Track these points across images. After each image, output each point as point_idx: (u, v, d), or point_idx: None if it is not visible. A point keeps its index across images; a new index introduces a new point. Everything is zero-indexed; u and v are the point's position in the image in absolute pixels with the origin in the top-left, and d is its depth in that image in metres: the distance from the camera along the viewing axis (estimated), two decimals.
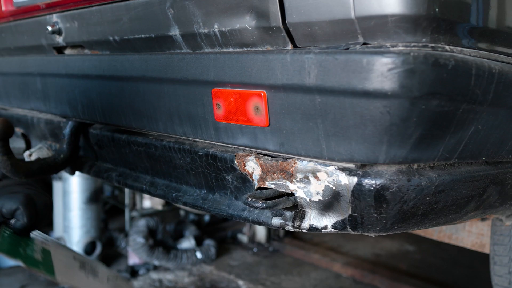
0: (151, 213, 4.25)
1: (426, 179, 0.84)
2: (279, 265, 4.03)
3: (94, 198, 3.74)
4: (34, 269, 0.85)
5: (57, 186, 3.86)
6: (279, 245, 4.36)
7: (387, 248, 4.36)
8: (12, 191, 0.89)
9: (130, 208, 4.22)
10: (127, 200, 4.21)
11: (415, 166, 0.84)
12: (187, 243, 4.04)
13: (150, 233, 3.88)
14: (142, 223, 3.88)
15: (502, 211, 1.32)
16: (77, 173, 3.63)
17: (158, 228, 3.96)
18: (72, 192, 3.67)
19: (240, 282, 3.68)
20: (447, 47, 0.73)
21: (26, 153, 1.46)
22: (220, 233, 4.50)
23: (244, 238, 4.45)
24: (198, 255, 3.92)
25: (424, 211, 0.89)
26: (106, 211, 4.65)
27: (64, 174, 3.67)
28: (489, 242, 1.76)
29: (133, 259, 3.82)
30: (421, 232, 2.14)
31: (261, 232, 4.42)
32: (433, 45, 0.72)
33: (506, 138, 0.92)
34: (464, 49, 0.76)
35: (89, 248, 3.70)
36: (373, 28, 0.75)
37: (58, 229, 3.89)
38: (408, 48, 0.70)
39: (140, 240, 3.75)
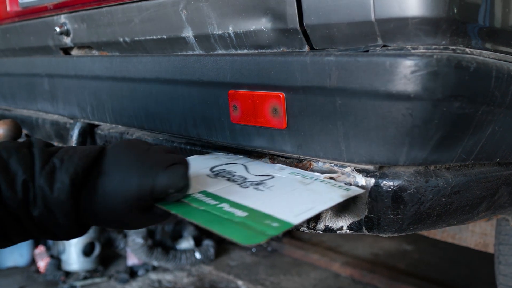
0: None
1: (443, 180, 0.84)
2: (278, 265, 4.04)
3: None
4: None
5: None
6: (278, 245, 4.37)
7: (385, 247, 4.37)
8: (158, 162, 0.77)
9: None
10: None
11: (432, 167, 0.84)
12: (186, 243, 4.04)
13: (149, 233, 3.87)
14: None
15: (510, 212, 1.33)
16: None
17: (156, 229, 3.96)
18: None
19: (240, 282, 3.68)
20: (467, 49, 0.73)
21: None
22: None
23: None
24: (197, 255, 3.92)
25: (439, 212, 0.90)
26: None
27: None
28: (493, 242, 1.77)
29: (132, 260, 3.81)
30: (424, 232, 2.15)
31: None
32: (453, 47, 0.73)
33: None
34: (483, 51, 0.76)
35: (88, 249, 3.69)
36: (392, 30, 0.75)
37: None
38: (431, 51, 0.70)
39: (139, 240, 3.74)
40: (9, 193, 0.73)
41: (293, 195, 0.82)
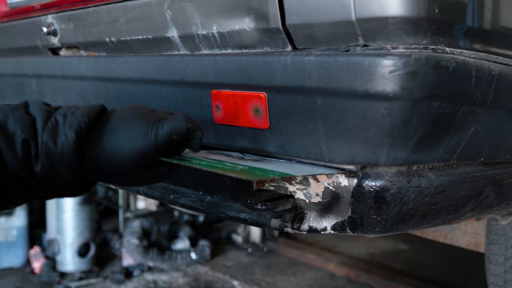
0: (145, 214, 4.24)
1: (426, 180, 0.84)
2: (274, 265, 4.03)
3: (87, 199, 3.73)
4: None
5: None
6: (273, 245, 4.37)
7: (381, 247, 4.37)
8: (161, 117, 0.79)
9: (124, 209, 4.21)
10: (121, 201, 4.19)
11: (415, 167, 0.84)
12: (181, 244, 4.03)
13: (144, 234, 3.87)
14: (136, 224, 3.87)
15: (498, 211, 1.33)
16: None
17: (152, 229, 3.95)
18: None
19: (235, 283, 3.68)
20: (447, 49, 0.73)
21: None
22: (214, 234, 4.50)
23: (238, 238, 4.45)
24: (193, 255, 3.92)
25: (423, 212, 0.89)
26: (100, 212, 4.63)
27: None
28: (484, 242, 1.77)
29: (128, 260, 3.81)
30: (416, 231, 2.15)
31: (255, 232, 4.42)
32: (433, 47, 0.72)
33: (504, 139, 0.93)
34: (464, 51, 0.76)
35: (83, 250, 3.69)
36: (373, 30, 0.75)
37: (51, 231, 3.86)
38: (409, 50, 0.70)
39: (134, 241, 3.74)
40: (9, 154, 0.73)
41: (291, 165, 0.86)
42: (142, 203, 4.30)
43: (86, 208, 3.72)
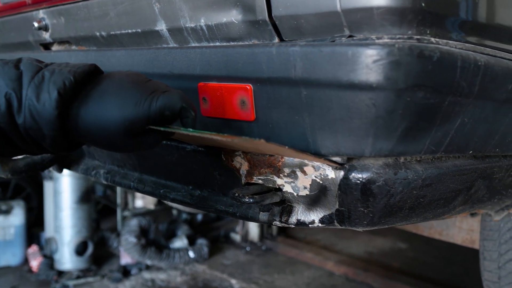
0: (143, 213, 4.24)
1: (413, 172, 0.83)
2: (272, 263, 4.03)
3: (85, 197, 3.73)
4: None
5: (48, 185, 3.84)
6: (272, 244, 4.36)
7: (380, 246, 4.37)
8: (157, 89, 0.79)
9: (122, 207, 4.21)
10: (119, 200, 4.19)
11: (402, 159, 0.84)
12: (179, 242, 4.03)
13: (142, 232, 3.86)
14: (134, 222, 3.87)
15: (491, 206, 1.32)
16: (68, 172, 3.61)
17: (150, 228, 3.95)
18: (63, 192, 3.65)
19: (233, 281, 3.68)
20: (432, 39, 0.73)
21: None
22: (213, 232, 4.50)
23: (237, 237, 4.44)
24: (191, 254, 3.92)
25: (411, 205, 0.89)
26: (98, 211, 4.63)
27: (55, 173, 3.65)
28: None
29: (125, 259, 3.81)
30: (412, 228, 2.15)
31: (254, 231, 4.42)
32: (418, 37, 0.72)
33: (493, 132, 0.92)
34: (450, 41, 0.76)
35: (81, 248, 3.69)
36: (359, 21, 0.74)
37: (49, 229, 3.86)
38: (393, 40, 0.69)
39: (132, 239, 3.74)
40: None
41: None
42: (140, 201, 4.30)
43: (84, 206, 3.72)
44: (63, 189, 3.66)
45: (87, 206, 3.78)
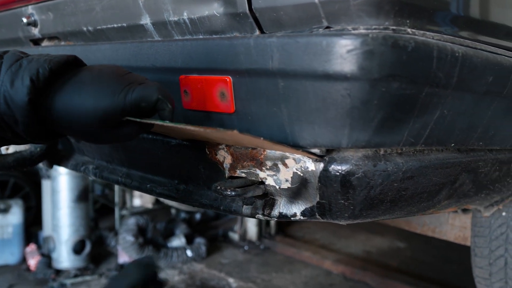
0: (141, 212, 4.25)
1: (393, 164, 0.83)
2: (270, 262, 4.03)
3: (82, 196, 3.73)
4: None
5: (46, 184, 3.85)
6: (270, 243, 4.36)
7: (378, 245, 4.36)
8: (135, 81, 0.79)
9: (120, 206, 4.21)
10: (117, 199, 4.20)
11: (382, 151, 0.84)
12: (177, 241, 4.03)
13: (140, 231, 3.87)
14: (132, 221, 3.87)
15: (479, 202, 1.32)
16: (65, 171, 3.60)
17: (148, 227, 3.96)
18: (60, 191, 3.66)
19: (231, 280, 3.68)
20: (409, 30, 0.73)
21: (3, 147, 1.44)
22: (211, 232, 4.50)
23: (235, 236, 4.44)
24: (189, 253, 3.92)
25: (393, 198, 0.89)
26: (97, 210, 4.64)
27: (53, 172, 3.66)
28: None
29: (123, 258, 3.81)
30: (405, 226, 2.14)
31: (252, 230, 4.42)
32: (394, 27, 0.72)
33: (475, 125, 0.92)
34: (427, 32, 0.75)
35: (78, 247, 3.69)
36: (336, 12, 0.74)
37: (47, 228, 3.87)
38: (369, 31, 0.69)
39: (130, 238, 3.74)
40: None
41: None
42: (138, 200, 4.31)
43: (81, 205, 3.73)
44: (60, 188, 3.66)
45: (85, 205, 3.78)
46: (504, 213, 1.47)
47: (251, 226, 4.41)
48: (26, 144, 0.86)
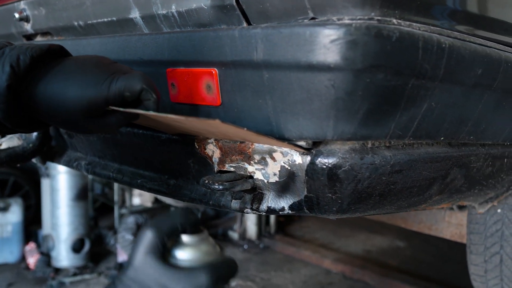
0: (140, 211, 4.25)
1: (380, 157, 0.82)
2: (269, 261, 4.02)
3: (81, 195, 3.73)
4: None
5: (45, 183, 3.85)
6: (270, 242, 4.36)
7: (378, 244, 4.35)
8: (119, 70, 0.79)
9: (119, 205, 4.21)
10: (116, 198, 4.20)
11: (369, 144, 0.83)
12: None
13: (139, 230, 3.86)
14: (131, 220, 3.87)
15: (473, 198, 1.31)
16: (64, 170, 3.60)
17: None
18: (59, 190, 3.66)
19: None
20: (394, 20, 0.72)
21: None
22: (211, 230, 4.50)
23: (235, 235, 4.44)
24: None
25: (381, 192, 0.88)
26: (96, 209, 4.64)
27: (52, 171, 3.66)
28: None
29: (122, 256, 3.81)
30: (402, 223, 2.13)
31: (252, 229, 4.41)
32: (380, 18, 0.71)
33: (465, 118, 0.91)
34: (414, 23, 0.75)
35: (78, 245, 3.69)
36: (322, 3, 0.73)
37: (46, 226, 3.87)
38: (352, 21, 0.69)
39: (129, 237, 3.74)
40: None
41: None
42: (138, 199, 4.31)
43: (80, 204, 3.73)
44: (59, 186, 3.66)
45: (84, 204, 3.78)
46: (499, 210, 1.46)
47: (251, 225, 4.41)
48: (12, 133, 0.86)
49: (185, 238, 0.66)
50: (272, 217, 4.56)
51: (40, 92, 0.77)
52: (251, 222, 4.39)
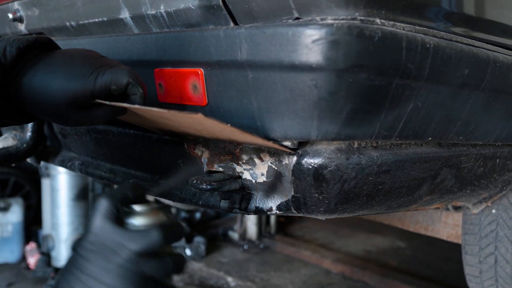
0: None
1: (367, 158, 0.82)
2: (269, 261, 4.02)
3: (82, 195, 3.74)
4: None
5: (45, 183, 3.85)
6: (270, 242, 4.35)
7: (378, 244, 4.34)
8: (106, 64, 0.80)
9: None
10: None
11: (356, 145, 0.83)
12: None
13: None
14: None
15: (466, 198, 1.31)
16: (65, 170, 3.60)
17: None
18: (60, 189, 3.66)
19: (229, 279, 3.67)
20: (377, 20, 0.72)
21: None
22: (211, 231, 4.50)
23: (235, 235, 4.44)
24: (188, 252, 3.92)
25: (369, 192, 0.88)
26: None
27: (52, 171, 3.67)
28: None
29: None
30: (399, 224, 2.13)
31: (252, 229, 4.41)
32: (363, 18, 0.71)
33: (453, 118, 0.91)
34: (398, 23, 0.74)
35: None
36: (306, 3, 0.73)
37: (47, 226, 3.88)
38: (336, 21, 0.69)
39: None
40: None
41: None
42: None
43: (81, 204, 3.73)
44: (60, 186, 3.67)
45: (84, 204, 3.79)
46: (493, 211, 1.46)
47: (251, 225, 4.40)
48: (1, 126, 0.87)
49: (135, 207, 0.73)
50: (273, 217, 4.55)
51: (27, 84, 0.78)
52: (251, 222, 4.39)
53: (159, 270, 0.70)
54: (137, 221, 0.72)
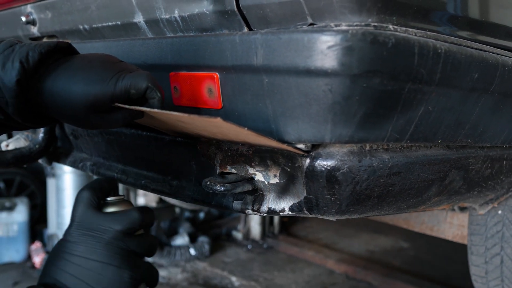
0: None
1: (378, 160, 0.84)
2: (272, 261, 4.04)
3: None
4: None
5: (50, 183, 3.88)
6: (273, 242, 4.37)
7: (381, 244, 4.36)
8: (126, 69, 0.83)
9: None
10: None
11: (368, 147, 0.84)
12: (181, 240, 4.06)
13: None
14: None
15: (472, 199, 1.32)
16: (70, 169, 3.63)
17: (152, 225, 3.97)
18: (65, 189, 3.69)
19: (233, 278, 3.69)
20: (391, 26, 0.73)
21: (3, 144, 1.47)
22: (215, 230, 4.52)
23: (238, 235, 4.46)
24: (192, 251, 3.94)
25: (380, 194, 0.89)
26: None
27: (58, 171, 3.69)
28: None
29: None
30: (404, 224, 2.15)
31: (255, 229, 4.43)
32: (376, 24, 0.72)
33: (462, 122, 0.93)
34: (410, 29, 0.76)
35: None
36: (320, 9, 0.75)
37: (52, 226, 3.91)
38: (351, 27, 0.70)
39: None
40: None
41: None
42: (143, 199, 4.32)
43: None
44: (65, 186, 3.69)
45: None
46: (500, 211, 1.47)
47: (255, 225, 4.42)
48: (22, 129, 0.90)
49: (110, 198, 0.86)
50: (276, 217, 4.57)
51: (48, 88, 0.80)
52: (255, 222, 4.41)
53: (141, 246, 0.83)
54: (112, 210, 0.85)
